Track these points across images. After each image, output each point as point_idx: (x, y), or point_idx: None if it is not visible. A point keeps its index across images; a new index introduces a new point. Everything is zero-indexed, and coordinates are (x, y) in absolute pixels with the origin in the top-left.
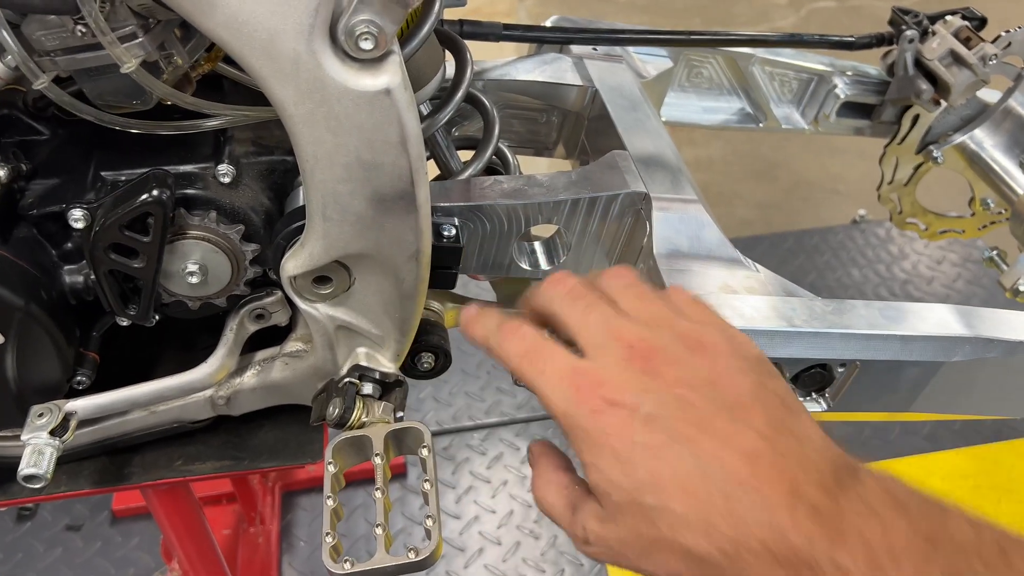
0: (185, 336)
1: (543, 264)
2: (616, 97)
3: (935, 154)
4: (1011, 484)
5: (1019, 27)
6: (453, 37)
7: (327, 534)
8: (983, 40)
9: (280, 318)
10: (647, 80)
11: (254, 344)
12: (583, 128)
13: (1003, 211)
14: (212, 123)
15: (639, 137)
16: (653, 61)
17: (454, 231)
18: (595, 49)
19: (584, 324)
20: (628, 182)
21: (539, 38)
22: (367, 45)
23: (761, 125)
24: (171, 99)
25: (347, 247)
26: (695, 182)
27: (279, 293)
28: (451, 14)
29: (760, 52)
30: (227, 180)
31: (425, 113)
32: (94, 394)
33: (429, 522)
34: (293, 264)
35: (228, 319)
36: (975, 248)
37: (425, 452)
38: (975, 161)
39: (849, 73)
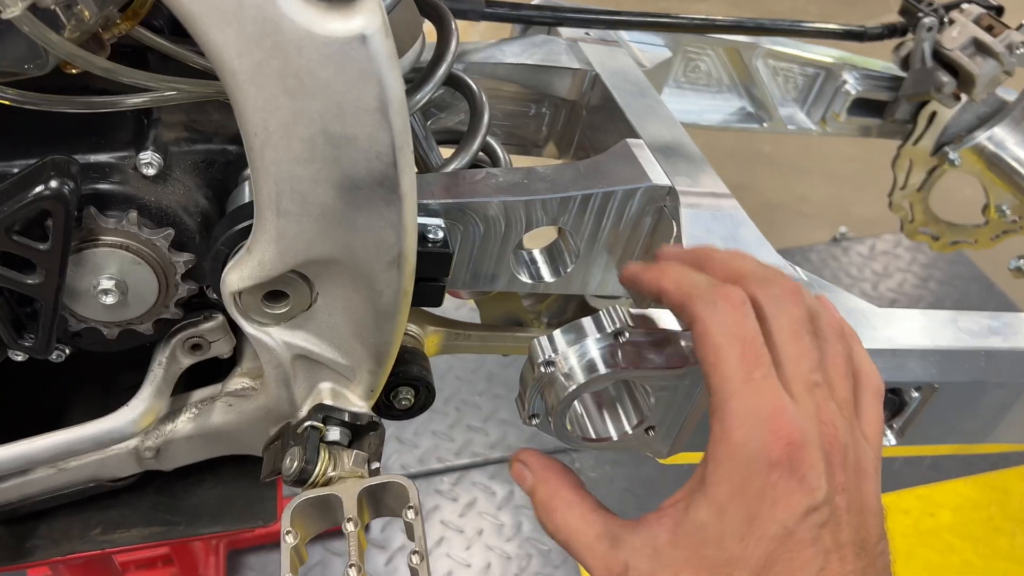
0: (103, 375)
1: (546, 276)
2: (620, 82)
3: (951, 156)
4: None
5: None
6: (436, 3)
7: None
8: (1008, 27)
9: (222, 348)
10: (646, 70)
11: (190, 382)
12: (580, 121)
13: (1018, 219)
14: (133, 100)
15: (653, 125)
16: (650, 50)
17: (441, 234)
18: (588, 33)
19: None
20: (648, 174)
21: (527, 18)
22: None
23: (765, 125)
24: (77, 63)
25: (308, 251)
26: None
27: (220, 317)
28: None
29: (764, 42)
30: (151, 172)
31: None
32: None
33: None
34: (237, 276)
35: (156, 351)
36: (961, 264)
37: (411, 514)
38: (994, 162)
39: (858, 67)
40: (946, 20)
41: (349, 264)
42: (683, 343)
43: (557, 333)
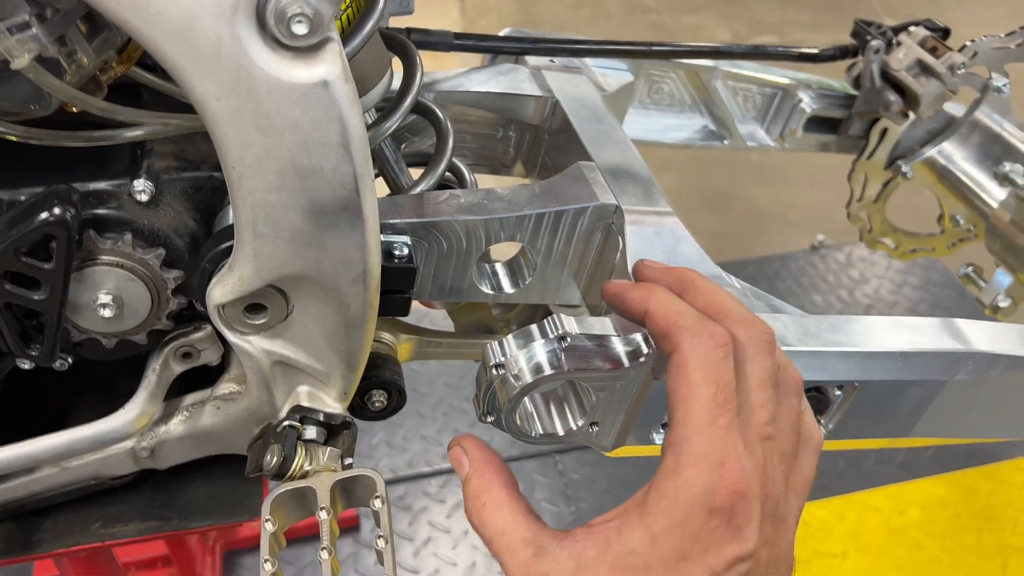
0: (103, 381)
1: (506, 287)
2: (578, 107)
3: (903, 169)
4: (991, 512)
5: (984, 36)
6: (401, 40)
7: None
8: (950, 49)
9: (210, 356)
10: (608, 94)
11: (182, 387)
12: (543, 143)
13: (972, 228)
14: (128, 134)
15: (605, 148)
16: (613, 75)
17: (407, 250)
18: (552, 61)
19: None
20: (597, 194)
21: (494, 48)
22: (300, 30)
23: (726, 142)
24: (77, 104)
25: (283, 268)
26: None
27: (208, 328)
28: (398, 22)
29: (723, 64)
30: (144, 198)
31: (370, 122)
32: None
33: None
34: (221, 291)
35: (150, 359)
36: (935, 271)
37: (379, 503)
38: (944, 176)
39: (814, 87)
40: (894, 42)
41: (319, 279)
42: (619, 348)
43: (508, 338)
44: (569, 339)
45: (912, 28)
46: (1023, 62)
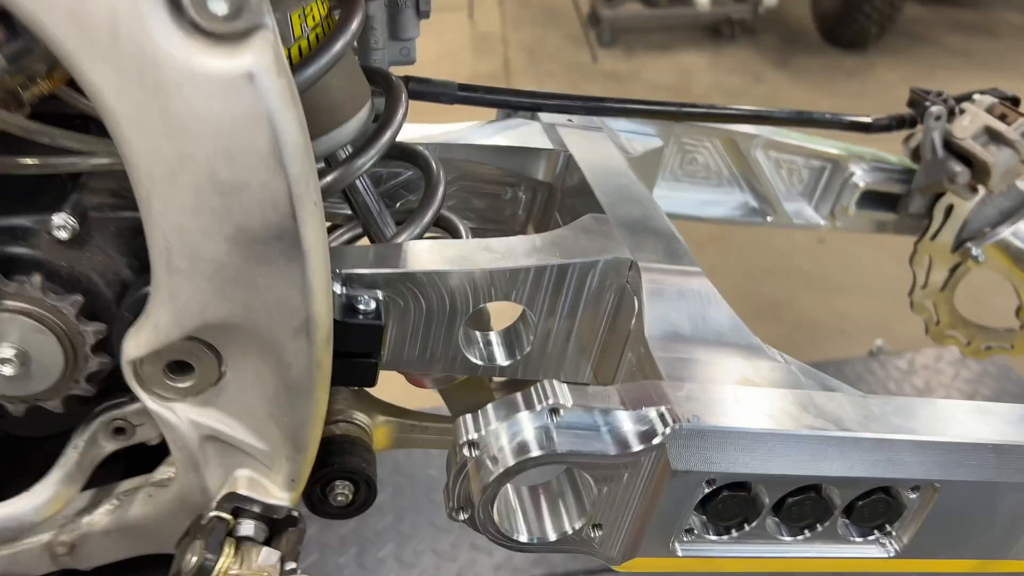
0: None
1: (500, 359)
2: (595, 162)
3: (974, 252)
4: None
5: None
6: (384, 72)
7: None
8: (1022, 115)
9: (148, 434)
10: (633, 157)
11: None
12: (556, 203)
13: None
14: (54, 161)
15: (623, 205)
16: (639, 140)
17: (374, 305)
18: (570, 120)
19: None
20: (609, 247)
21: (503, 102)
22: (219, 9)
23: (769, 219)
24: None
25: (205, 313)
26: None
27: None
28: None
29: (764, 132)
30: (64, 235)
31: (343, 158)
32: None
33: None
34: (134, 343)
35: (75, 433)
36: (1010, 380)
37: None
38: (1022, 259)
39: (868, 159)
40: (956, 110)
41: (253, 330)
42: (627, 426)
43: (487, 408)
44: (563, 411)
45: (976, 96)
46: None
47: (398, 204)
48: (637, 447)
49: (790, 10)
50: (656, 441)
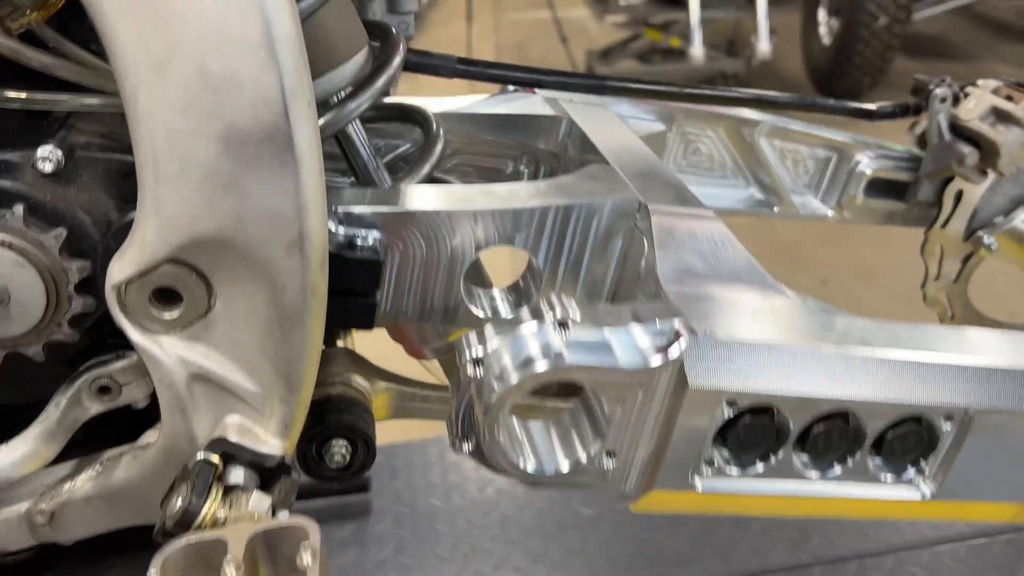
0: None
1: (504, 311)
2: (597, 125)
3: (986, 240)
4: None
5: None
6: (382, 24)
7: None
8: None
9: (134, 395)
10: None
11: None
12: (560, 174)
13: None
14: (42, 97)
15: (629, 159)
16: (642, 124)
17: (372, 240)
18: (571, 99)
19: None
20: (616, 189)
21: (502, 77)
22: None
23: (776, 210)
24: None
25: (194, 226)
26: None
27: (133, 356)
28: None
29: (767, 118)
30: (48, 168)
31: (336, 102)
32: None
33: None
34: (119, 264)
35: (57, 391)
36: None
37: (308, 558)
38: None
39: (873, 147)
40: (961, 95)
41: (242, 247)
42: (642, 340)
43: (489, 325)
44: (572, 325)
45: (981, 81)
46: None
47: (396, 175)
48: (653, 361)
49: (783, 64)
50: (673, 355)
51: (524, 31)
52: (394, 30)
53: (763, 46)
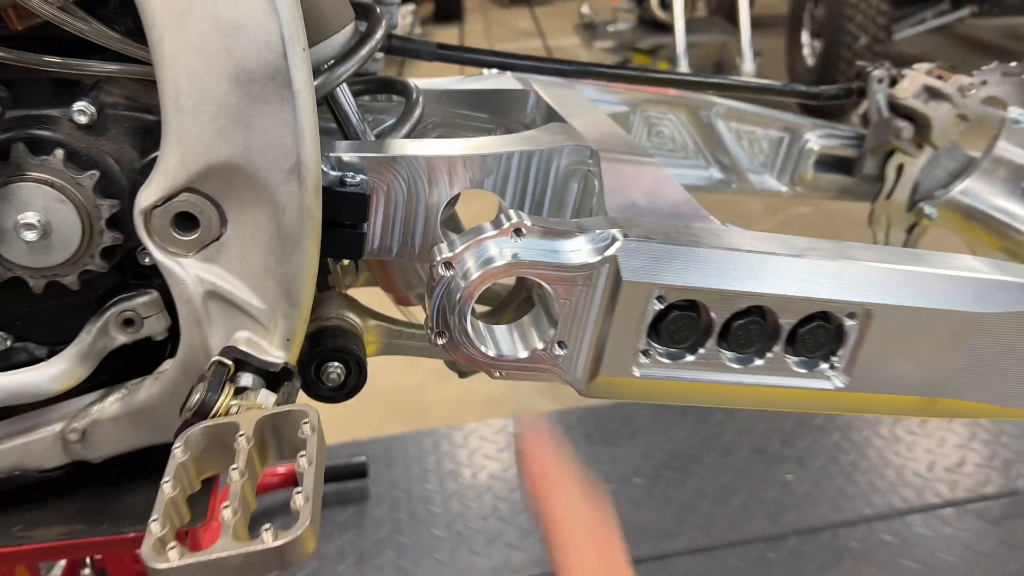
0: None
1: None
2: (560, 96)
3: (927, 211)
4: None
5: (995, 63)
6: (366, 3)
7: (153, 521)
8: (956, 74)
9: (155, 327)
10: None
11: None
12: None
13: None
14: (77, 63)
15: (586, 121)
16: (607, 107)
17: (360, 179)
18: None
19: None
20: (572, 139)
21: (478, 60)
22: None
23: (734, 187)
24: None
25: (208, 153)
26: None
27: (154, 292)
28: None
29: (723, 101)
30: (83, 120)
31: (325, 68)
32: None
33: (299, 499)
34: (147, 192)
35: (89, 321)
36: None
37: (308, 430)
38: (972, 215)
39: (822, 126)
40: (898, 76)
41: (249, 172)
42: (584, 243)
43: (456, 237)
44: (525, 231)
45: (917, 65)
46: None
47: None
48: (592, 259)
49: None
50: (608, 253)
51: None
52: (377, 9)
53: (747, 67)
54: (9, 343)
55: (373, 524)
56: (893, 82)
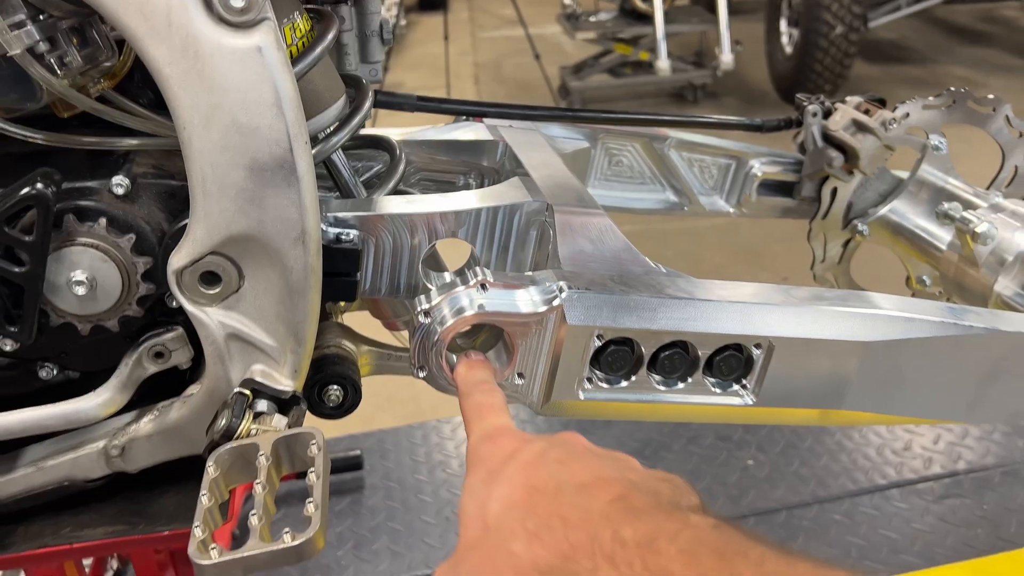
0: None
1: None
2: (524, 145)
3: (860, 227)
4: None
5: (915, 98)
6: (355, 76)
7: (196, 526)
8: (881, 109)
9: (180, 358)
10: (564, 154)
11: None
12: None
13: (940, 291)
14: (113, 141)
15: (545, 171)
16: (570, 143)
17: (353, 235)
18: (510, 125)
19: None
20: (531, 195)
21: (454, 110)
22: (237, 4)
23: (686, 209)
24: (62, 94)
25: (229, 226)
26: None
27: (180, 329)
28: None
29: (675, 134)
30: (121, 191)
31: (323, 137)
32: None
33: (311, 507)
34: (178, 256)
35: (125, 355)
36: None
37: (315, 450)
38: (899, 232)
39: (765, 155)
40: (832, 109)
41: (263, 240)
42: (535, 295)
43: (433, 288)
44: (488, 286)
45: (849, 98)
46: (956, 123)
47: (369, 190)
48: (542, 308)
49: (749, 73)
50: (555, 303)
51: (499, 48)
52: (364, 80)
53: (725, 58)
54: (55, 372)
55: (368, 512)
56: (828, 114)
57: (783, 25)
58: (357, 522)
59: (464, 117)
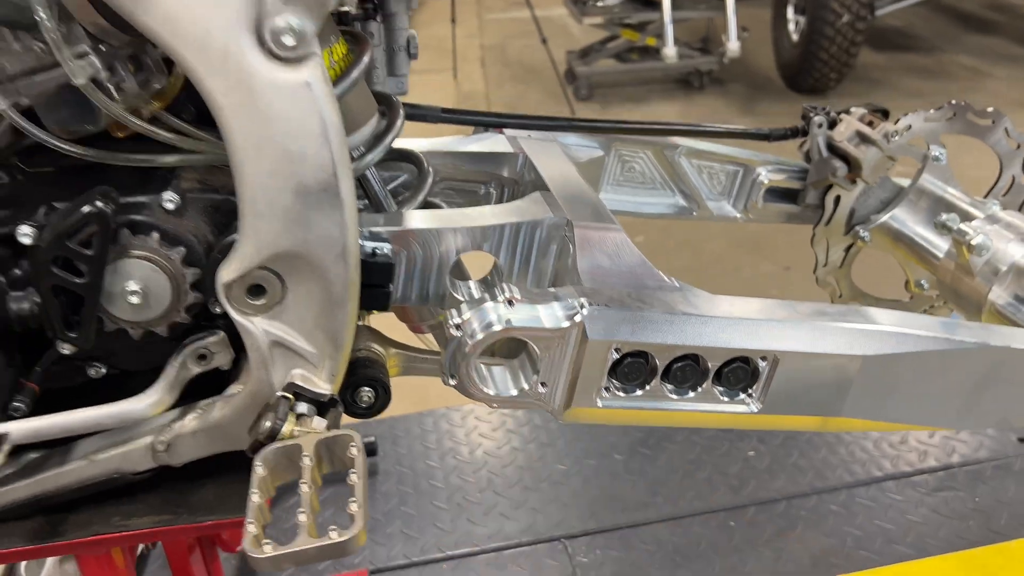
0: None
1: (476, 296)
2: (543, 158)
3: (862, 234)
4: None
5: (917, 110)
6: (387, 95)
7: (249, 523)
8: (885, 122)
9: (222, 360)
10: (579, 163)
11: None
12: (519, 195)
13: (937, 295)
14: (163, 159)
15: (565, 185)
16: (584, 151)
17: (387, 250)
18: (529, 135)
19: None
20: (552, 211)
21: (476, 121)
22: (289, 41)
23: (695, 214)
24: (121, 119)
25: (276, 244)
26: None
27: (222, 333)
28: None
29: (685, 142)
30: (171, 207)
31: (357, 156)
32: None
33: (354, 507)
34: (227, 270)
35: (172, 357)
36: None
37: (354, 451)
38: (899, 239)
39: (771, 163)
40: (836, 120)
41: (307, 257)
42: (560, 311)
43: (463, 304)
44: (515, 302)
45: (853, 108)
46: (956, 134)
47: (398, 199)
48: (565, 324)
49: (755, 60)
50: (577, 319)
51: (506, 31)
52: (395, 99)
53: (732, 45)
54: (104, 371)
55: (382, 497)
56: (833, 124)
57: (790, 12)
58: (371, 507)
59: (485, 128)
